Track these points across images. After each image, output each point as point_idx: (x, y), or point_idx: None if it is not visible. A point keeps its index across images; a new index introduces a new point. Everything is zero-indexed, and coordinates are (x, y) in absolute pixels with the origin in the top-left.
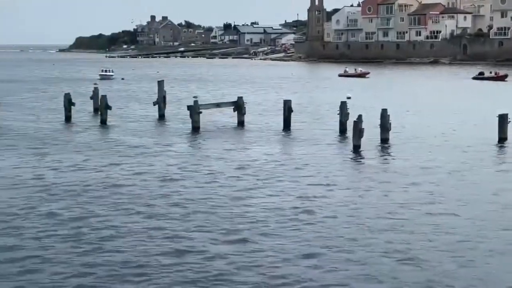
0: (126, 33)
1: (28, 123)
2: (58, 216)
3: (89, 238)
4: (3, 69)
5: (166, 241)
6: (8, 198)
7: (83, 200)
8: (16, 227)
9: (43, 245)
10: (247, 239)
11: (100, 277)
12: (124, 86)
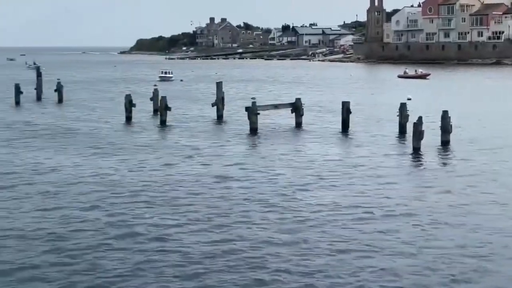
0: (186, 35)
1: (90, 123)
2: (116, 216)
3: (147, 237)
4: (67, 71)
5: (225, 239)
6: (69, 196)
7: (142, 199)
8: (74, 226)
9: (101, 243)
10: (304, 239)
11: (163, 275)
12: (183, 88)
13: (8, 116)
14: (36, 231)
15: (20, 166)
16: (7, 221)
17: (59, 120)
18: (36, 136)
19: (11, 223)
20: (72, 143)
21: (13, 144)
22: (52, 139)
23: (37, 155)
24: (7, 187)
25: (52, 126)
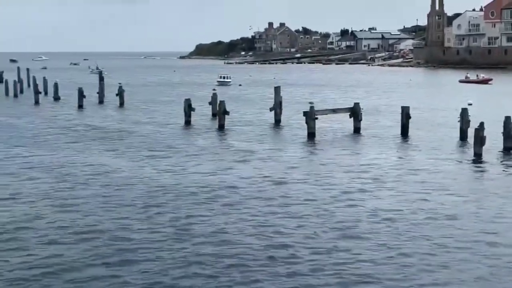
0: (244, 39)
1: (149, 126)
2: (171, 216)
3: (203, 239)
4: (128, 75)
5: (281, 243)
6: (128, 197)
7: (198, 201)
8: (132, 226)
9: (160, 243)
10: (362, 245)
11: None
12: (241, 92)
13: (71, 119)
14: (94, 232)
15: (81, 167)
16: (67, 219)
17: (119, 123)
18: (97, 139)
19: (72, 222)
20: (132, 145)
21: (75, 146)
22: (112, 141)
23: (97, 157)
24: (68, 188)
25: (112, 129)
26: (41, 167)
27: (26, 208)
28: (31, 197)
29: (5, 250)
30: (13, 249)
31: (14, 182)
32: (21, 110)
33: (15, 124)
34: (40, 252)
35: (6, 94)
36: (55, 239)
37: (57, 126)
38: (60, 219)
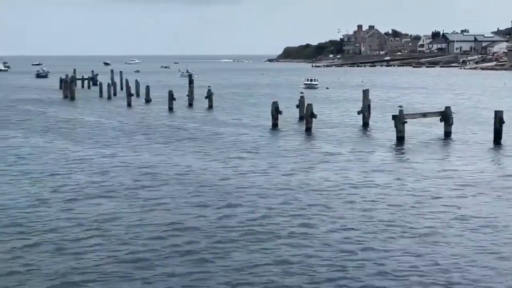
0: (333, 42)
1: (237, 128)
2: (252, 215)
3: (281, 239)
4: (217, 78)
5: (365, 246)
6: (213, 196)
7: (283, 202)
8: (218, 224)
9: (248, 241)
10: (452, 252)
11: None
12: (329, 95)
13: (161, 121)
14: (178, 230)
15: (169, 167)
16: (151, 217)
17: (207, 125)
18: (185, 140)
19: (156, 219)
20: (219, 147)
21: (164, 147)
22: (200, 143)
23: (185, 157)
24: (155, 186)
25: (200, 131)
26: (130, 166)
27: (113, 205)
28: (119, 194)
29: (91, 245)
30: (98, 244)
31: (104, 179)
32: (114, 111)
33: (108, 124)
34: (124, 247)
35: (100, 96)
36: (140, 235)
37: (147, 128)
38: (146, 217)
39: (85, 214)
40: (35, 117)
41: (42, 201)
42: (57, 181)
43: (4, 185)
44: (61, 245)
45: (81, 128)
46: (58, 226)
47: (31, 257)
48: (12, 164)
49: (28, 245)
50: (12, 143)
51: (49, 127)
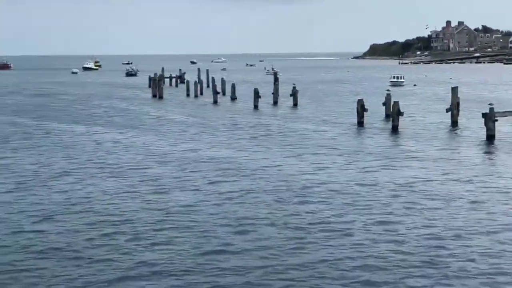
0: (420, 39)
1: (321, 126)
2: (329, 214)
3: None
4: (302, 76)
5: (437, 239)
6: (296, 192)
7: (364, 199)
8: (302, 219)
9: (329, 235)
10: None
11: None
12: (416, 92)
13: (246, 119)
14: (253, 224)
15: (252, 164)
16: (224, 210)
17: (292, 123)
18: (268, 137)
19: (229, 212)
20: (303, 144)
21: (248, 144)
22: (284, 140)
23: (268, 154)
24: (237, 181)
25: (285, 128)
26: (213, 162)
27: (194, 197)
28: (198, 187)
29: (168, 236)
30: (175, 236)
31: (188, 173)
32: (200, 109)
33: (194, 122)
34: (199, 240)
35: (187, 95)
36: (216, 227)
37: (232, 125)
38: (224, 210)
39: (165, 205)
40: (124, 113)
41: (129, 193)
42: (142, 174)
43: (93, 178)
44: (140, 235)
45: (168, 125)
46: (140, 216)
47: (109, 247)
48: (101, 158)
49: (108, 233)
50: (102, 138)
51: (137, 123)
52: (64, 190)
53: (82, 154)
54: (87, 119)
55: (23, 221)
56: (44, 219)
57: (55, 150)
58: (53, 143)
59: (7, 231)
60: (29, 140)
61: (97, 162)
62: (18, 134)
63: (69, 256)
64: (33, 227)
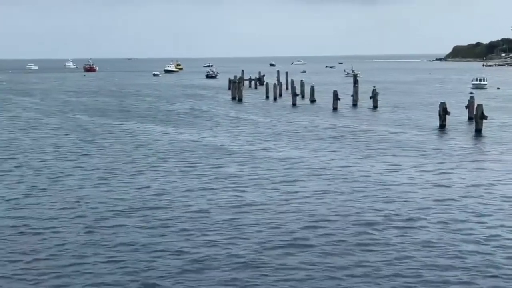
0: (505, 40)
1: (401, 129)
2: (393, 215)
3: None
4: (383, 78)
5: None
6: (366, 193)
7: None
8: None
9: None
10: None
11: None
12: (500, 95)
13: (325, 121)
14: (328, 220)
15: (329, 165)
16: (304, 208)
17: (371, 125)
18: (346, 140)
19: (310, 210)
20: (382, 147)
21: (325, 146)
22: (363, 143)
23: (345, 156)
24: (312, 180)
25: (364, 131)
26: (287, 161)
27: (263, 195)
28: (273, 186)
29: (244, 232)
30: (250, 232)
31: (260, 172)
32: (279, 111)
33: (273, 123)
34: (260, 234)
35: (267, 97)
36: (279, 223)
37: (310, 127)
38: (296, 208)
39: (239, 203)
40: (203, 115)
41: (206, 190)
42: (218, 172)
43: (173, 175)
44: (207, 229)
45: (246, 126)
46: (205, 209)
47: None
48: (181, 156)
49: (184, 228)
50: (180, 138)
51: (216, 125)
52: (146, 186)
53: (163, 153)
54: (167, 120)
55: (106, 214)
56: (125, 212)
57: (137, 148)
58: (135, 142)
59: (92, 223)
60: (113, 138)
61: (177, 160)
62: (103, 133)
63: (146, 249)
64: (114, 222)
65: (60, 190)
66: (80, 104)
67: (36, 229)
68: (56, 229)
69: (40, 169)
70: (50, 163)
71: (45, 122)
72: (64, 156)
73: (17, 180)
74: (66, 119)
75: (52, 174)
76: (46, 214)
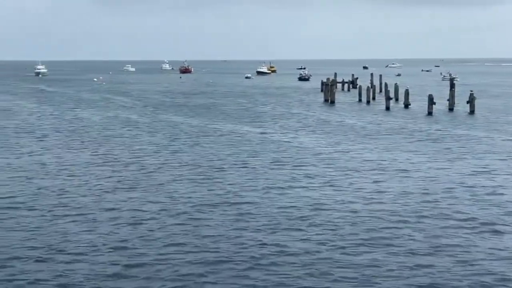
0: None
1: (500, 134)
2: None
3: None
4: (481, 81)
5: None
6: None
7: None
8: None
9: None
10: None
11: None
12: None
13: (418, 126)
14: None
15: (416, 169)
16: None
17: (466, 131)
18: (439, 145)
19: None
20: (477, 154)
21: (416, 151)
22: (456, 149)
23: (435, 162)
24: (399, 181)
25: (458, 136)
26: (371, 164)
27: (339, 193)
28: (360, 187)
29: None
30: (297, 229)
31: (347, 174)
32: (371, 114)
33: (364, 126)
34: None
35: (359, 100)
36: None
37: (403, 131)
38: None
39: (316, 201)
40: (295, 116)
41: (292, 188)
42: (302, 171)
43: (261, 172)
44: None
45: (336, 128)
46: (284, 205)
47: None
48: (267, 155)
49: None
50: (270, 138)
51: (307, 126)
52: (237, 182)
53: (256, 152)
54: (258, 120)
55: (196, 207)
56: (215, 205)
57: (228, 146)
58: (226, 140)
59: (184, 217)
60: (206, 137)
61: (267, 159)
62: (196, 132)
63: (231, 240)
64: (202, 215)
65: (152, 184)
66: (174, 104)
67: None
68: (145, 219)
69: (131, 164)
70: (143, 159)
71: (140, 121)
72: (157, 152)
73: (112, 174)
74: (160, 118)
75: (144, 169)
76: (135, 205)
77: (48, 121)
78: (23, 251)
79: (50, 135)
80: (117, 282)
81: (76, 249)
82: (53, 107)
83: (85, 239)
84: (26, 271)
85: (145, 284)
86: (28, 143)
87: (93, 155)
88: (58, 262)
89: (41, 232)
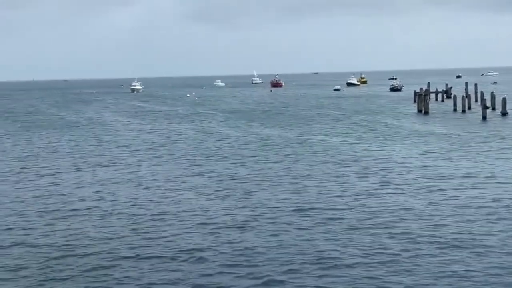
0: None
1: None
2: None
3: None
4: None
5: None
6: None
7: None
8: None
9: None
10: None
11: None
12: None
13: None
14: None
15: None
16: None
17: None
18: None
19: None
20: None
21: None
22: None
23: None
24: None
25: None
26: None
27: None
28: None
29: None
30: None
31: (431, 184)
32: (467, 125)
33: (458, 138)
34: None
35: (454, 110)
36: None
37: (499, 142)
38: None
39: (377, 208)
40: (387, 127)
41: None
42: (389, 178)
43: (347, 181)
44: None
45: (430, 139)
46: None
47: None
48: (355, 164)
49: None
50: (360, 148)
51: (399, 137)
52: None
53: (344, 162)
54: (349, 131)
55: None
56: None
57: (319, 157)
58: (317, 152)
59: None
60: (295, 148)
61: (355, 167)
62: (285, 143)
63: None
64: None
65: (241, 193)
66: (263, 116)
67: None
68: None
69: (222, 175)
70: (232, 169)
71: (227, 133)
72: (244, 163)
73: (208, 183)
74: (247, 130)
75: (233, 179)
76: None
77: (153, 136)
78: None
79: (161, 149)
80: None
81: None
82: (156, 122)
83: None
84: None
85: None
86: (140, 157)
87: (189, 167)
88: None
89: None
